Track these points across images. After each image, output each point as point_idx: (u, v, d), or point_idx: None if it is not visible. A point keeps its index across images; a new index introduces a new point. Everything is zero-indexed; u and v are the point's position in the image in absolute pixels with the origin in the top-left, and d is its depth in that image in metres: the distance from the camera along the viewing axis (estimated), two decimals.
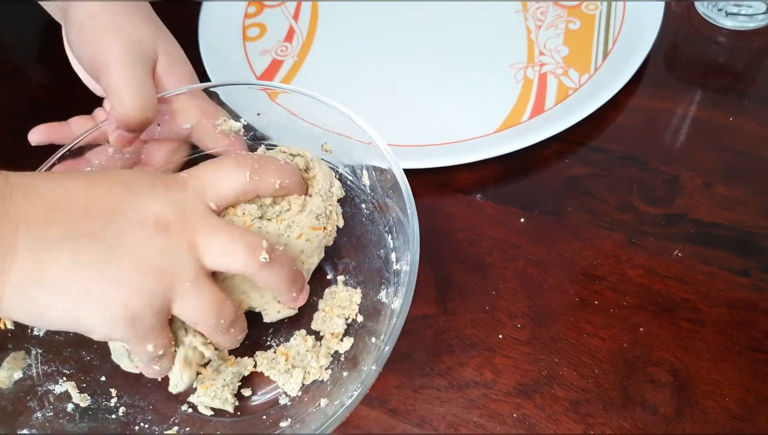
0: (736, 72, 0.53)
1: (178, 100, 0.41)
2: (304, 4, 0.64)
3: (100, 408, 0.36)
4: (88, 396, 0.36)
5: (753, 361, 0.38)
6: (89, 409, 0.36)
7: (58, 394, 0.36)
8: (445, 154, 0.48)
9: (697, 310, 0.41)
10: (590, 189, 0.47)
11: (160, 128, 0.42)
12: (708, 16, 0.56)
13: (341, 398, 0.34)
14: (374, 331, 0.37)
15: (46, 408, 0.35)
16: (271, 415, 0.37)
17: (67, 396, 0.36)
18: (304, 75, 0.58)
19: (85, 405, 0.36)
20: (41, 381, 0.36)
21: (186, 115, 0.41)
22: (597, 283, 0.42)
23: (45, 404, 0.35)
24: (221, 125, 0.41)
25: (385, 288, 0.38)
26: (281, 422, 0.36)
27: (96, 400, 0.37)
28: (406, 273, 0.34)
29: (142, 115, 0.38)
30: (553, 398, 0.38)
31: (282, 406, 0.38)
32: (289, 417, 0.36)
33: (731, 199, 0.45)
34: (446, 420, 0.38)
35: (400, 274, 0.36)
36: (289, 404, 0.38)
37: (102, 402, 0.37)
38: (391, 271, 0.38)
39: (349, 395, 0.32)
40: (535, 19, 0.59)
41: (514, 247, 0.45)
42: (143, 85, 0.38)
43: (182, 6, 0.62)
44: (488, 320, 0.42)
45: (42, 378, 0.36)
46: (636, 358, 0.39)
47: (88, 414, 0.36)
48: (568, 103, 0.52)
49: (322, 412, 0.35)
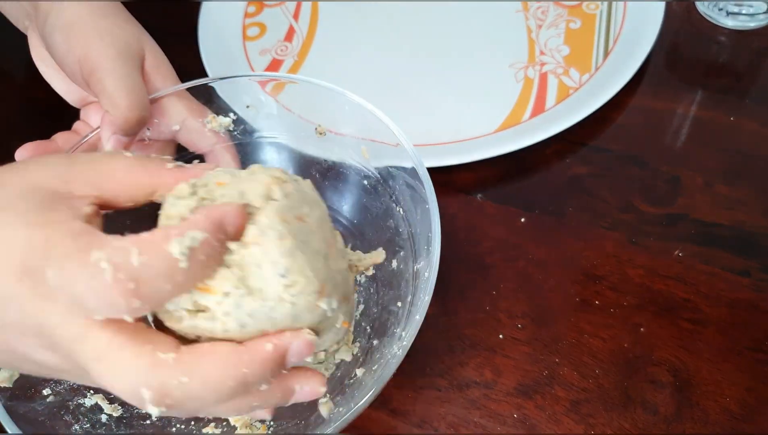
0: (737, 72, 0.53)
1: (168, 101, 0.40)
2: (304, 3, 0.64)
3: (133, 416, 0.36)
4: (119, 406, 0.36)
5: (754, 362, 0.38)
6: (123, 418, 0.36)
7: (89, 407, 0.36)
8: (445, 154, 0.48)
9: (698, 310, 0.41)
10: (591, 189, 0.47)
11: (149, 132, 0.41)
12: (709, 15, 0.56)
13: (379, 363, 0.34)
14: (397, 297, 0.37)
15: (82, 421, 0.35)
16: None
17: (99, 408, 0.36)
18: (303, 74, 0.58)
19: (118, 414, 0.36)
20: (70, 396, 0.35)
21: (174, 115, 0.41)
22: (598, 283, 0.42)
23: (79, 417, 0.35)
24: (210, 123, 0.41)
25: (400, 255, 0.38)
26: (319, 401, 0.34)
27: (127, 409, 0.36)
28: (424, 233, 0.34)
29: (138, 116, 0.37)
30: (553, 398, 0.38)
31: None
32: (327, 393, 0.36)
33: (732, 199, 0.45)
34: (446, 420, 0.38)
35: (414, 237, 0.36)
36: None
37: (134, 410, 0.36)
38: (405, 237, 0.38)
39: (389, 357, 0.32)
40: (536, 19, 0.59)
41: (515, 247, 0.45)
42: (136, 86, 0.38)
43: (182, 6, 0.62)
44: (489, 320, 0.42)
45: (69, 393, 0.36)
46: (637, 359, 0.39)
47: (123, 423, 0.36)
48: (569, 103, 0.51)
49: (361, 381, 0.35)
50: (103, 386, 0.24)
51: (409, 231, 0.38)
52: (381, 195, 0.40)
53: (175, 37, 0.43)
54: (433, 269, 0.32)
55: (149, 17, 0.44)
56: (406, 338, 0.31)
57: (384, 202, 0.40)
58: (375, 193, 0.40)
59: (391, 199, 0.39)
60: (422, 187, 0.35)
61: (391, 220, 0.39)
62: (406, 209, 0.38)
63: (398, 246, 0.38)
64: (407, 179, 0.37)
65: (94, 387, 0.35)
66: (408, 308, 0.35)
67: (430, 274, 0.32)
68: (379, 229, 0.40)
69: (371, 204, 0.41)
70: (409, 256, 0.37)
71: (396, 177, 0.38)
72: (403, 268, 0.37)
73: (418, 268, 0.35)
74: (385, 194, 0.40)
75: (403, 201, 0.38)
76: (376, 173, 0.40)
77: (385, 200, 0.40)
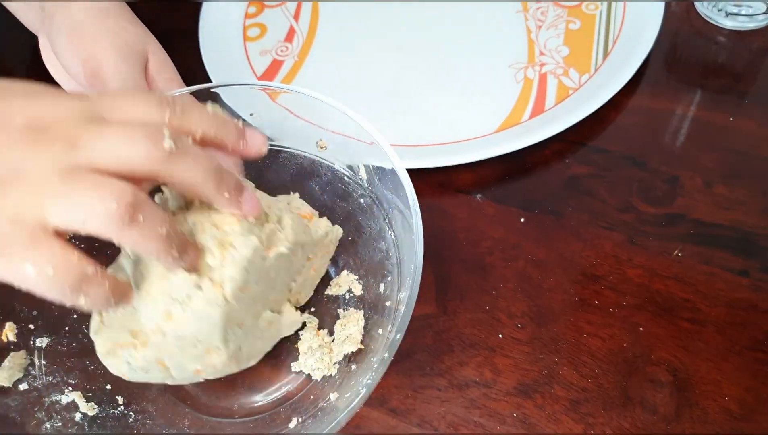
0: (736, 72, 0.53)
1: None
2: (305, 4, 0.64)
3: (108, 416, 0.36)
4: (95, 405, 0.36)
5: (753, 361, 0.38)
6: (97, 418, 0.36)
7: (65, 404, 0.36)
8: (445, 154, 0.48)
9: (697, 310, 0.41)
10: (590, 189, 0.47)
11: None
12: (708, 16, 0.56)
13: (352, 390, 0.34)
14: (380, 323, 0.37)
15: (54, 418, 0.35)
16: (279, 414, 0.37)
17: (74, 406, 0.36)
18: (304, 75, 0.58)
19: (93, 414, 0.36)
20: (47, 392, 0.35)
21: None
22: (597, 283, 0.42)
23: (53, 415, 0.35)
24: None
25: (387, 280, 0.38)
26: (291, 419, 0.36)
27: (103, 409, 0.36)
28: (409, 262, 0.34)
29: None
30: (553, 398, 0.38)
31: (290, 404, 0.38)
32: (299, 415, 0.36)
33: (731, 199, 0.45)
34: (446, 420, 0.38)
35: (402, 265, 0.36)
36: (297, 401, 0.38)
37: (109, 410, 0.36)
38: (393, 262, 0.38)
39: (361, 386, 0.32)
40: (536, 19, 0.59)
41: (514, 247, 0.45)
42: (137, 87, 0.38)
43: (182, 6, 0.62)
44: (488, 320, 0.42)
45: (47, 389, 0.36)
46: (636, 358, 0.39)
47: (96, 422, 0.36)
48: (568, 103, 0.52)
49: (333, 406, 0.35)
50: (110, 138, 0.25)
51: (398, 257, 0.38)
52: (376, 216, 0.40)
53: (176, 37, 0.43)
54: (410, 306, 0.32)
55: (150, 17, 0.44)
56: (377, 371, 0.31)
57: (378, 223, 0.40)
58: (370, 213, 0.41)
59: (385, 222, 0.39)
60: (411, 216, 0.34)
61: (383, 242, 0.39)
62: (397, 234, 0.38)
63: (387, 270, 0.39)
64: (399, 205, 0.37)
65: (72, 384, 0.36)
66: (386, 338, 0.35)
67: (406, 310, 0.31)
68: (371, 249, 0.40)
69: (366, 223, 0.41)
70: (395, 282, 0.37)
71: (390, 201, 0.38)
72: (389, 293, 0.38)
73: (400, 297, 0.35)
74: (379, 215, 0.40)
75: (395, 226, 0.38)
76: (372, 193, 0.40)
77: (379, 221, 0.40)
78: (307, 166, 0.43)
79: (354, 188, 0.41)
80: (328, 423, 0.31)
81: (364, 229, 0.41)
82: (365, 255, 0.41)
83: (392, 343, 0.31)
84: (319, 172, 0.43)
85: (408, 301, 0.32)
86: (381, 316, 0.38)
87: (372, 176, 0.39)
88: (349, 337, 0.38)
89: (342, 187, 0.40)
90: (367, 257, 0.41)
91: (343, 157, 0.41)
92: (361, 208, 0.41)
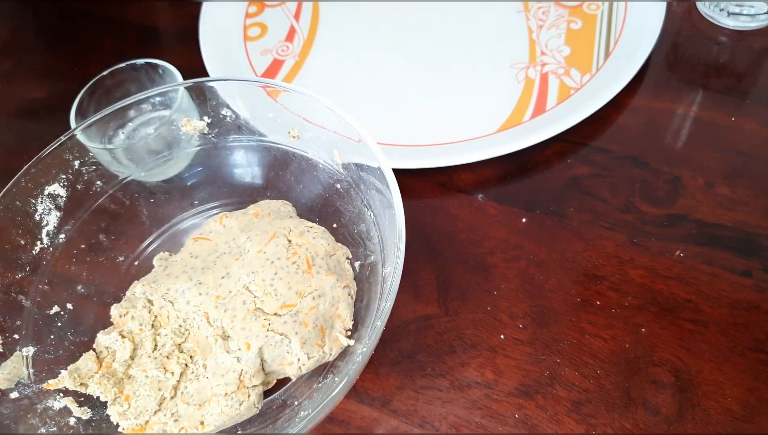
0: (738, 72, 0.53)
1: None
2: (305, 4, 0.64)
3: (102, 419, 0.36)
4: (88, 409, 0.36)
5: (755, 362, 0.38)
6: (92, 421, 0.36)
7: (58, 410, 0.36)
8: (446, 154, 0.48)
9: (699, 310, 0.41)
10: (592, 189, 0.47)
11: None
12: (710, 16, 0.56)
13: (347, 362, 0.34)
14: (370, 299, 0.37)
15: (48, 424, 0.35)
16: (274, 401, 0.37)
17: (68, 411, 0.36)
18: (305, 75, 0.58)
19: (87, 417, 0.36)
20: (38, 399, 0.35)
21: None
22: (599, 283, 0.42)
23: (47, 420, 0.35)
24: (185, 126, 0.41)
25: (371, 259, 0.38)
26: (288, 403, 0.36)
27: (97, 412, 0.36)
28: (392, 237, 0.34)
29: None
30: (554, 399, 0.38)
31: (286, 388, 0.38)
32: (294, 397, 0.36)
33: (733, 200, 0.45)
34: (448, 420, 0.38)
35: (384, 242, 0.36)
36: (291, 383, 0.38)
37: (103, 413, 0.36)
38: (376, 241, 0.38)
39: (355, 358, 0.32)
40: (537, 19, 0.59)
41: (516, 247, 0.45)
42: None
43: (182, 6, 0.62)
44: (490, 321, 0.42)
45: (38, 396, 0.35)
46: (638, 359, 0.39)
47: (91, 426, 0.36)
48: (570, 103, 0.51)
49: (327, 386, 0.35)
50: None
51: (379, 235, 0.38)
52: (353, 199, 0.40)
53: (176, 37, 0.43)
54: (396, 276, 0.32)
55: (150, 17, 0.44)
56: (367, 345, 0.31)
57: (356, 205, 0.40)
58: (348, 197, 0.41)
59: (363, 204, 0.39)
60: (389, 192, 0.34)
61: (363, 223, 0.39)
62: (376, 214, 0.38)
63: (369, 250, 0.39)
64: (376, 184, 0.37)
65: (63, 390, 0.36)
66: (373, 316, 0.35)
67: (393, 281, 0.32)
68: (351, 232, 0.41)
69: (344, 207, 0.41)
70: (379, 260, 0.37)
71: (366, 181, 0.38)
72: (374, 271, 0.38)
73: (385, 273, 0.35)
74: (357, 198, 0.40)
75: (374, 205, 0.38)
76: (348, 177, 0.40)
77: (357, 204, 0.40)
78: (280, 156, 0.43)
79: (331, 173, 0.41)
80: (324, 397, 0.31)
81: (342, 214, 0.41)
82: (346, 238, 0.41)
83: (383, 311, 0.31)
84: (293, 163, 0.43)
85: (394, 272, 0.32)
86: (369, 293, 0.38)
87: (344, 156, 0.39)
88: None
89: (317, 174, 0.40)
90: (348, 240, 0.41)
91: (317, 146, 0.42)
92: (337, 192, 0.41)
